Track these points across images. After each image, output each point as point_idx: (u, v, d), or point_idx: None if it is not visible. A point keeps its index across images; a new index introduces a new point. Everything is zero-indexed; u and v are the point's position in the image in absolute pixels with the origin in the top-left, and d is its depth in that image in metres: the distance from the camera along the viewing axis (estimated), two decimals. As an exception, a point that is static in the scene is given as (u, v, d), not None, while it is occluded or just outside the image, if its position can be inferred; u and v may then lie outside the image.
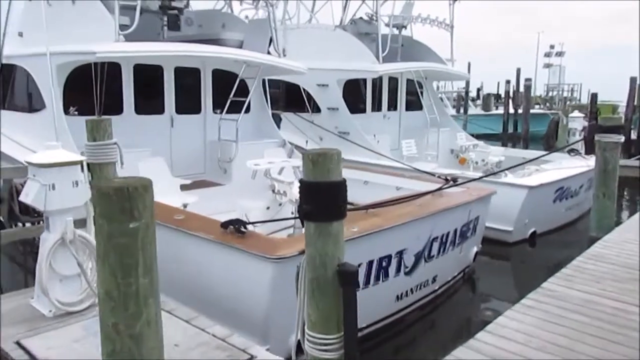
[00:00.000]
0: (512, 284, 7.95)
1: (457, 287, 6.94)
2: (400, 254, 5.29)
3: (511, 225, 8.63)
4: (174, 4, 8.31)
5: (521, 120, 19.72)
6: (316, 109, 11.85)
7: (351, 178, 8.47)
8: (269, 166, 7.00)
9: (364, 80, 12.11)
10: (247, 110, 9.91)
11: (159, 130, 8.65)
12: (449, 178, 7.37)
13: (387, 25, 12.41)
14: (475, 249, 7.16)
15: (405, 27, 12.84)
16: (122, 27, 7.19)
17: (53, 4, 8.08)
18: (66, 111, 7.47)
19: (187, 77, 9.01)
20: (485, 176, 7.55)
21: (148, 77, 8.44)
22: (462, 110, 29.96)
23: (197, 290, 4.77)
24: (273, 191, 6.82)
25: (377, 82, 12.63)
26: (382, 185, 8.39)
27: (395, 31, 12.68)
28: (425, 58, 13.21)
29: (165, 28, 9.37)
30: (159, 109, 8.65)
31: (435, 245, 5.87)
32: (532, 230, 8.96)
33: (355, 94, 11.93)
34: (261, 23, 9.12)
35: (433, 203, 5.89)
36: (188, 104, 9.08)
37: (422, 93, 13.18)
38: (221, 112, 8.95)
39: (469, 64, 39.49)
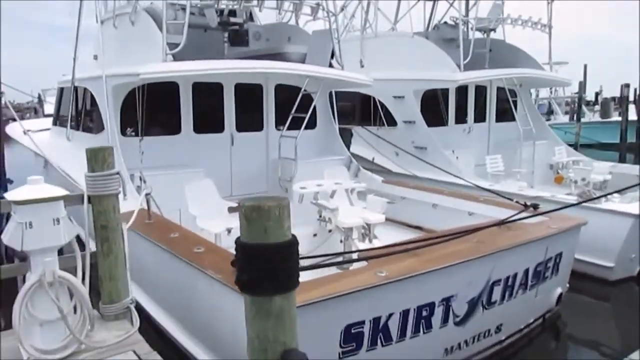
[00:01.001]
0: (611, 333, 6.59)
1: (534, 336, 5.83)
2: (446, 301, 4.44)
3: (612, 260, 7.22)
4: (233, 19, 8.09)
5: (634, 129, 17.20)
6: (393, 122, 11.08)
7: (419, 200, 7.76)
8: (315, 189, 6.45)
9: (446, 91, 11.10)
10: (313, 126, 9.50)
11: (219, 149, 8.48)
12: (528, 204, 6.34)
13: (472, 29, 11.30)
14: (559, 291, 6.00)
15: (494, 30, 11.62)
16: (173, 45, 7.09)
17: (119, 26, 8.27)
18: (124, 132, 7.52)
19: (249, 94, 8.78)
20: (576, 204, 6.32)
21: (207, 95, 8.31)
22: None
23: (213, 334, 4.35)
24: (320, 217, 6.25)
25: (461, 92, 11.56)
26: (452, 209, 7.45)
27: (482, 35, 11.53)
28: (520, 63, 11.86)
29: (227, 44, 9.25)
30: (219, 128, 8.48)
31: (498, 290, 4.91)
32: (640, 266, 7.47)
33: (435, 106, 10.96)
34: (324, 34, 8.63)
35: (496, 238, 4.93)
36: (250, 121, 8.84)
37: (515, 102, 11.82)
38: (282, 128, 8.58)
39: (585, 67, 35.95)
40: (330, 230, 6.39)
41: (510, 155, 11.50)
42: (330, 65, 8.54)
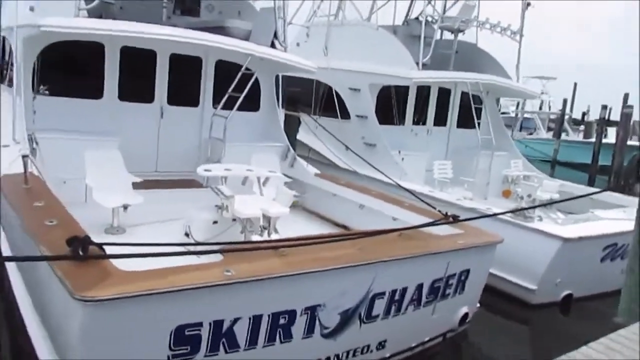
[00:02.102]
0: (520, 357, 6.25)
1: (430, 355, 5.45)
2: (311, 310, 4.02)
3: (535, 282, 6.87)
4: (176, -17, 7.54)
5: (611, 152, 16.86)
6: (348, 115, 10.64)
7: (348, 199, 7.33)
8: (221, 173, 5.98)
9: (405, 89, 10.65)
10: (256, 108, 9.03)
11: (146, 120, 7.96)
12: (449, 214, 5.94)
13: (440, 26, 10.86)
14: (464, 310, 5.61)
15: (462, 31, 11.17)
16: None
17: None
18: (37, 90, 6.99)
19: (186, 66, 8.26)
20: (484, 216, 5.93)
21: (137, 62, 7.78)
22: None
23: (48, 315, 3.89)
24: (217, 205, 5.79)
25: (423, 93, 11.14)
26: (378, 212, 7.04)
27: (451, 36, 11.10)
28: (488, 70, 11.44)
29: (177, 12, 8.73)
30: (148, 98, 7.96)
31: (381, 303, 4.50)
32: (566, 292, 7.11)
33: (391, 103, 10.52)
34: (271, 12, 8.12)
35: (385, 247, 4.52)
36: (184, 95, 8.33)
37: (479, 110, 11.38)
38: (222, 108, 8.09)
39: (575, 85, 35.68)
40: (234, 220, 5.94)
41: (467, 163, 11.13)
42: (273, 46, 8.05)
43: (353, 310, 4.31)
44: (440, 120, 11.70)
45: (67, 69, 7.23)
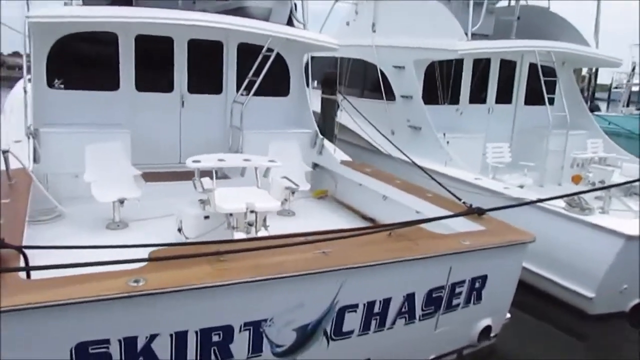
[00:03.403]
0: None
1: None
2: (255, 325, 3.40)
3: (592, 289, 5.66)
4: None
5: None
6: (393, 97, 9.71)
7: (372, 189, 6.59)
8: (212, 164, 5.49)
9: (458, 64, 9.48)
10: (286, 93, 8.49)
11: (166, 111, 7.73)
12: (474, 207, 5.05)
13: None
14: (484, 323, 4.68)
15: (526, -7, 9.71)
16: None
17: None
18: (50, 84, 6.97)
19: (206, 52, 7.89)
20: (517, 205, 4.86)
21: (154, 50, 7.55)
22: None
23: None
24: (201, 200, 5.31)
25: (481, 67, 9.87)
26: (401, 204, 6.20)
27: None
28: (562, 36, 9.89)
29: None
30: (167, 87, 7.71)
31: (354, 317, 3.77)
32: (636, 301, 5.82)
33: (441, 81, 9.41)
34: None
35: (360, 251, 3.76)
36: (206, 82, 7.98)
37: (552, 83, 9.84)
38: (247, 94, 7.65)
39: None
40: (231, 215, 5.44)
41: (536, 145, 9.76)
42: (290, 24, 7.41)
43: (314, 325, 3.62)
44: (505, 97, 10.34)
45: (82, 61, 7.15)
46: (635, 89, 27.00)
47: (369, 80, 10.40)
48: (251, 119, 7.96)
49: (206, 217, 5.43)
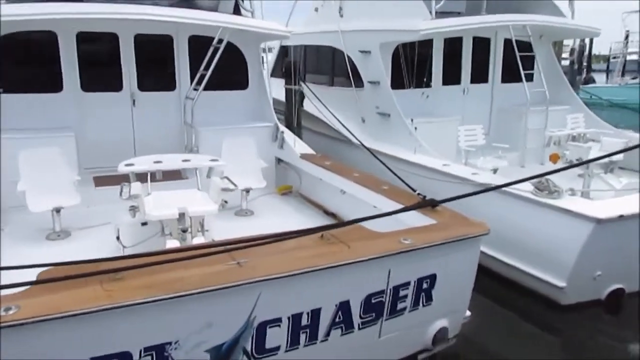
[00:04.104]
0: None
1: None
2: (157, 350, 3.04)
3: (563, 278, 5.27)
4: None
5: None
6: (362, 83, 9.28)
7: (331, 184, 6.23)
8: (146, 167, 5.13)
9: (426, 44, 9.03)
10: (244, 86, 8.10)
11: (116, 111, 7.35)
12: (427, 198, 4.71)
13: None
14: (438, 325, 4.31)
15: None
16: None
17: None
18: None
19: (155, 47, 7.50)
20: (483, 191, 4.44)
21: (97, 47, 7.16)
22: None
23: None
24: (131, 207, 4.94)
25: (454, 46, 9.42)
26: (358, 199, 5.83)
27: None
28: (536, 9, 9.41)
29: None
30: (116, 86, 7.32)
31: (277, 332, 3.41)
32: (612, 287, 5.42)
33: (409, 64, 8.96)
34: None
35: (278, 259, 3.39)
36: (157, 79, 7.60)
37: (530, 58, 9.34)
38: (208, 89, 7.29)
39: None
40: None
41: (515, 123, 9.36)
42: (237, 12, 6.99)
43: (230, 344, 3.26)
44: (481, 76, 9.90)
45: (20, 63, 6.78)
46: (634, 57, 26.41)
47: (338, 68, 9.96)
48: (208, 115, 7.60)
49: (144, 224, 5.08)
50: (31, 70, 6.85)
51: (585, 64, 29.47)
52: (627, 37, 25.68)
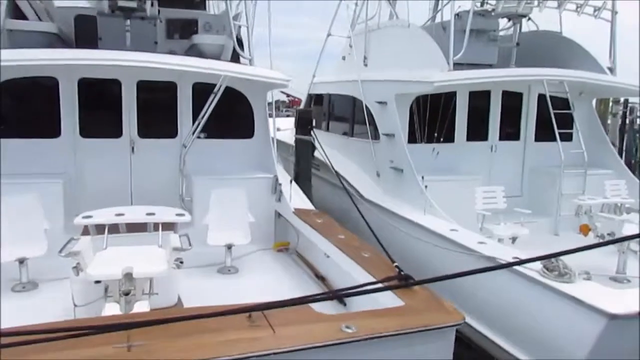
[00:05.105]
0: None
1: None
2: None
3: (571, 380, 4.38)
4: (121, 3, 6.69)
5: None
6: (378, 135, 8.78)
7: (316, 244, 5.71)
8: (103, 221, 4.79)
9: (449, 97, 8.46)
10: (250, 134, 7.82)
11: (114, 157, 7.22)
12: (402, 274, 4.13)
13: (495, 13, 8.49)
14: None
15: (525, 16, 8.61)
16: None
17: None
18: None
19: (158, 94, 7.41)
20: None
21: (99, 94, 7.14)
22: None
23: None
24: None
25: (480, 100, 8.79)
26: (338, 266, 5.24)
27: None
28: (577, 64, 8.67)
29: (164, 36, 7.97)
30: (115, 132, 7.22)
31: None
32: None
33: (429, 116, 8.39)
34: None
35: (175, 345, 2.87)
36: (158, 126, 7.45)
37: (567, 116, 8.51)
38: (207, 136, 7.11)
39: None
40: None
41: (548, 187, 8.50)
42: (236, 60, 6.78)
43: None
44: (511, 133, 9.15)
45: (19, 108, 6.82)
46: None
47: (357, 118, 9.55)
48: (210, 164, 7.35)
49: (97, 282, 4.70)
50: (30, 116, 6.87)
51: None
52: None
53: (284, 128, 10.93)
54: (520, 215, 7.23)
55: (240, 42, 6.89)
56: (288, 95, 30.77)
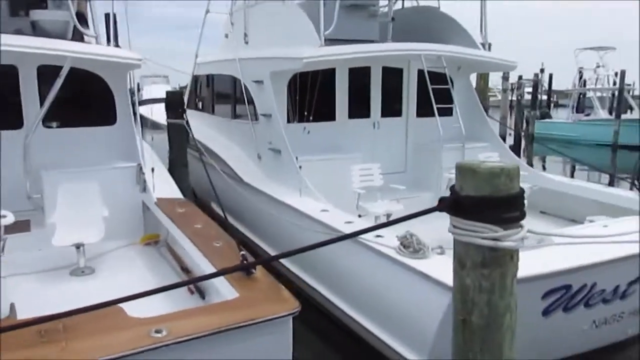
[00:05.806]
0: None
1: None
2: None
3: (424, 353, 4.34)
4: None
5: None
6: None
7: (176, 237, 5.06)
8: None
9: (329, 74, 8.26)
10: (113, 121, 7.18)
11: None
12: (247, 259, 3.85)
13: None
14: None
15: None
16: None
17: None
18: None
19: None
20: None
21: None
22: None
23: None
24: None
25: (361, 77, 8.67)
26: (192, 257, 4.89)
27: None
28: (453, 39, 8.77)
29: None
30: None
31: None
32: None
33: (310, 94, 8.15)
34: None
35: None
36: (4, 116, 6.63)
37: (445, 92, 8.56)
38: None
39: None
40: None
41: (430, 162, 8.59)
42: (78, 38, 6.12)
43: None
44: (394, 109, 9.15)
45: None
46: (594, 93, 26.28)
47: (239, 99, 9.13)
48: (66, 156, 6.63)
49: None
50: None
51: (543, 98, 29.55)
52: (580, 73, 25.75)
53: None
54: (397, 192, 7.21)
55: (83, 18, 6.20)
56: None
